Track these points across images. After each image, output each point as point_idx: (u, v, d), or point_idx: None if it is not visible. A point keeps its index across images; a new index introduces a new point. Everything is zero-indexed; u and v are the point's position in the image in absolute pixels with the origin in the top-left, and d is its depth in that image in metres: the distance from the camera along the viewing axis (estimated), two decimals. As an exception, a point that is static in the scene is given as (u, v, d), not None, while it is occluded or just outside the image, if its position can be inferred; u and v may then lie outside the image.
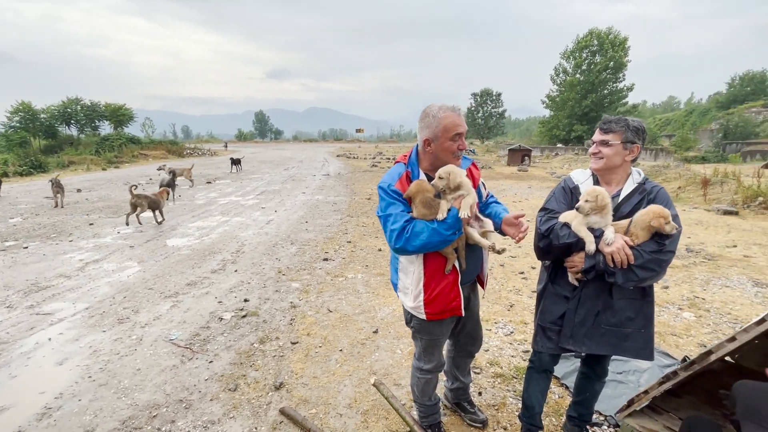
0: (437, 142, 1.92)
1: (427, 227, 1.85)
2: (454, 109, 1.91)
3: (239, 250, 6.56)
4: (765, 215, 9.60)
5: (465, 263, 2.03)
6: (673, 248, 1.81)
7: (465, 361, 2.57)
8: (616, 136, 1.92)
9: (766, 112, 39.77)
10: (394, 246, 1.89)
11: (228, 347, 3.58)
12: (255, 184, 15.47)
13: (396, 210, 1.90)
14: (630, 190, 1.97)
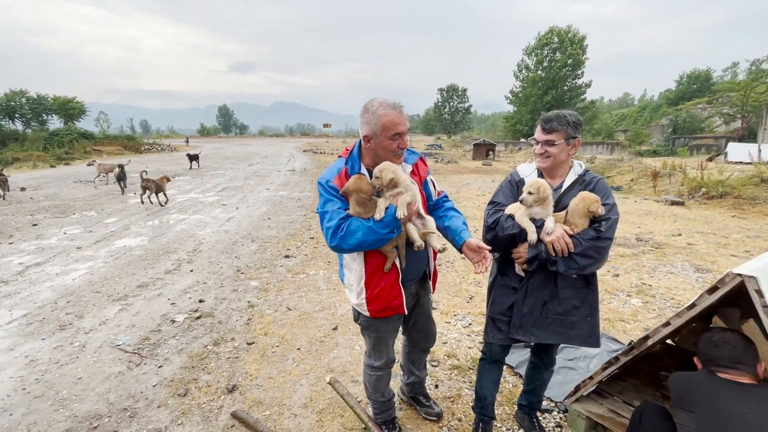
0: (376, 139, 1.86)
1: (363, 225, 1.80)
2: (395, 107, 1.83)
3: (196, 249, 6.32)
4: (707, 205, 10.24)
5: (405, 261, 2.00)
6: (610, 235, 1.87)
7: (420, 356, 2.56)
8: (560, 135, 1.94)
9: (710, 108, 42.41)
10: (330, 244, 1.84)
11: (179, 351, 3.43)
12: (216, 181, 14.98)
13: (333, 207, 1.85)
14: (571, 181, 2.03)
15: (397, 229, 1.86)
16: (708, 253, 6.13)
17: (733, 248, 6.42)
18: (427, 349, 2.54)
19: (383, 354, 2.25)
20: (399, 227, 1.86)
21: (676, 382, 1.72)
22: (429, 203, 2.19)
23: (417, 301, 2.26)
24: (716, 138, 34.51)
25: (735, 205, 9.84)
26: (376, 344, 2.22)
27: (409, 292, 2.13)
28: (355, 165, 1.97)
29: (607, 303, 4.37)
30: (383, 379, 2.33)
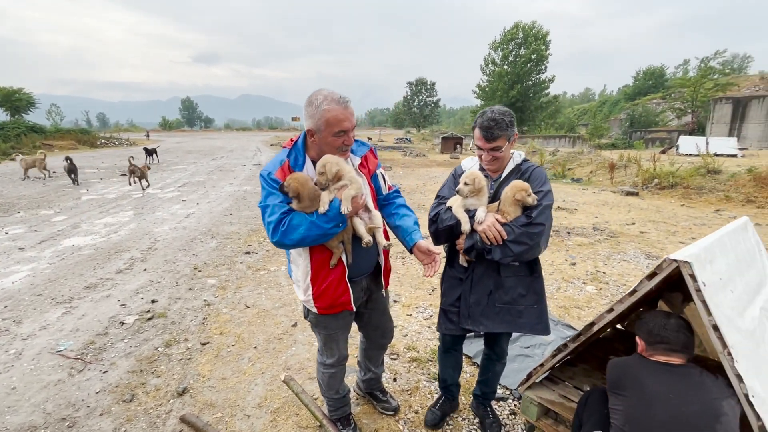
0: (320, 135, 1.79)
1: (306, 220, 1.73)
2: (340, 102, 1.74)
3: (151, 247, 6.04)
4: (659, 195, 10.76)
5: (351, 257, 1.94)
6: (542, 220, 1.89)
7: (377, 353, 2.51)
8: (503, 139, 1.96)
9: (664, 103, 44.61)
10: (272, 239, 1.76)
11: (127, 354, 3.26)
12: (177, 176, 14.41)
13: (274, 201, 1.76)
14: (508, 171, 2.07)
15: (343, 224, 1.80)
16: (658, 241, 6.43)
17: (681, 236, 6.76)
18: (384, 346, 2.49)
19: (335, 351, 2.19)
20: (344, 222, 1.80)
21: (611, 369, 1.77)
22: (379, 197, 2.14)
23: (369, 296, 2.20)
24: (669, 131, 36.36)
25: (684, 195, 10.40)
26: (327, 341, 2.16)
27: (360, 287, 2.08)
28: (299, 157, 1.88)
29: (564, 291, 4.50)
30: (336, 376, 2.28)
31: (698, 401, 1.54)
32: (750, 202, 9.26)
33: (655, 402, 1.55)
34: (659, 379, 1.60)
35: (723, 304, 1.77)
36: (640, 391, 1.60)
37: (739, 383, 1.63)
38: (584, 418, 1.86)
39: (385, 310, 2.35)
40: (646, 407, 1.55)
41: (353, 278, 1.99)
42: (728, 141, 21.96)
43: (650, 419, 1.54)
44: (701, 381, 1.61)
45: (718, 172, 10.98)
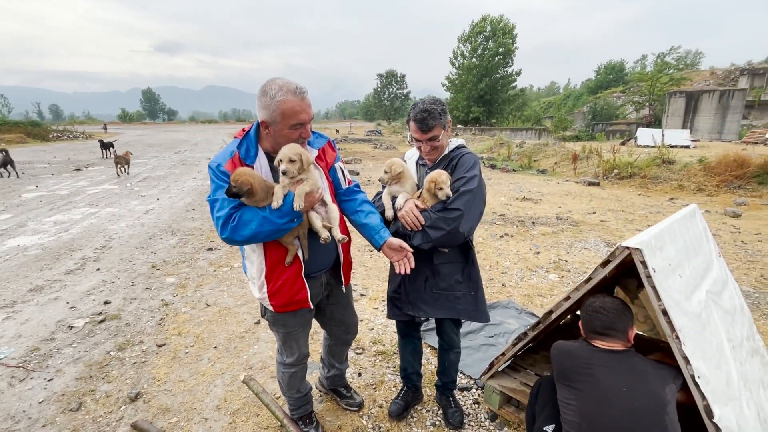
0: (275, 126, 1.69)
1: (258, 215, 1.64)
2: (297, 92, 1.65)
3: (105, 245, 5.72)
4: (619, 185, 11.19)
5: (308, 253, 1.86)
6: (459, 206, 1.90)
7: (341, 349, 2.45)
8: (438, 128, 1.98)
9: (624, 97, 46.42)
10: (221, 236, 1.66)
11: (76, 360, 3.06)
12: (136, 170, 13.76)
13: (223, 194, 1.64)
14: (439, 159, 2.11)
15: (297, 219, 1.71)
16: (617, 229, 6.68)
17: (638, 224, 7.05)
18: (348, 342, 2.43)
19: (294, 350, 2.11)
20: (299, 217, 1.72)
21: (557, 356, 1.75)
22: (338, 192, 2.06)
23: (330, 291, 2.13)
24: (629, 124, 37.90)
25: (641, 185, 10.85)
26: (286, 340, 2.08)
27: (318, 283, 2.01)
28: (250, 148, 1.77)
29: (528, 279, 4.59)
30: (297, 376, 2.20)
31: (646, 393, 1.56)
32: (701, 191, 9.77)
33: (610, 397, 1.55)
34: (610, 371, 1.61)
35: (672, 288, 1.83)
36: (595, 385, 1.59)
37: (686, 365, 1.68)
38: (537, 410, 1.86)
39: (347, 304, 2.29)
40: (601, 403, 1.55)
41: (311, 274, 1.92)
42: (682, 133, 23.10)
43: (606, 416, 1.53)
44: (644, 370, 1.64)
45: (672, 163, 11.52)
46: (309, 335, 2.19)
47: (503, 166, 15.67)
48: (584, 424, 1.56)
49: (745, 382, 2.08)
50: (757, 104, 37.21)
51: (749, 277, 4.62)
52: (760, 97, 37.42)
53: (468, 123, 46.47)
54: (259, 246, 1.78)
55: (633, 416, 1.51)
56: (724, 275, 2.58)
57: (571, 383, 1.65)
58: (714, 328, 2.04)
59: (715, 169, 10.15)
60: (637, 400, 1.53)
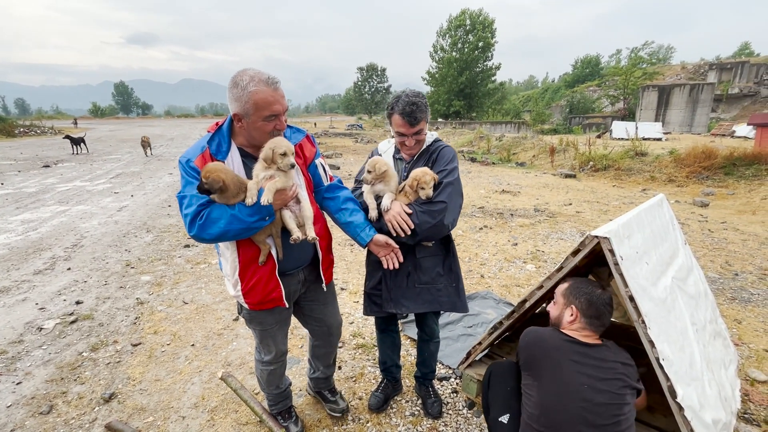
0: (248, 119, 1.64)
1: (227, 213, 1.60)
2: (269, 83, 1.61)
3: (77, 244, 5.55)
4: (594, 177, 11.46)
5: (281, 252, 1.82)
6: (443, 198, 1.92)
7: (325, 351, 2.34)
8: (423, 122, 1.99)
9: (599, 90, 47.46)
10: (189, 233, 1.62)
11: (46, 362, 2.97)
12: (109, 167, 13.34)
13: (192, 191, 1.60)
14: (419, 153, 2.11)
15: (270, 217, 1.67)
16: (592, 219, 6.85)
17: (612, 214, 7.25)
18: (332, 344, 2.31)
19: (271, 347, 2.07)
20: (271, 215, 1.67)
21: (528, 343, 1.72)
22: (319, 188, 2.02)
23: (308, 288, 2.06)
24: (604, 117, 38.79)
25: (615, 176, 11.15)
26: (263, 337, 2.04)
27: (295, 280, 1.96)
28: (222, 143, 1.72)
29: (506, 270, 4.67)
30: (276, 373, 2.17)
31: (607, 390, 1.57)
32: (671, 182, 10.10)
33: (570, 392, 1.56)
34: (577, 365, 1.60)
35: (639, 275, 1.89)
36: (559, 379, 1.58)
37: (651, 348, 1.75)
38: (490, 399, 1.85)
39: (326, 301, 2.19)
40: (561, 397, 1.55)
41: (286, 271, 1.88)
42: (654, 126, 23.80)
43: (563, 411, 1.54)
44: (614, 366, 1.64)
45: (645, 155, 11.86)
46: (288, 332, 2.17)
47: (483, 159, 15.84)
48: (542, 416, 1.56)
49: (708, 363, 2.18)
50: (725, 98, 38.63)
51: (715, 264, 4.82)
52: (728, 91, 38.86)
53: (448, 117, 46.71)
54: (233, 243, 1.74)
55: (589, 411, 1.52)
56: (689, 262, 2.69)
57: (534, 372, 1.64)
58: (679, 312, 2.13)
59: (684, 160, 10.50)
60: (597, 395, 1.54)
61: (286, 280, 1.89)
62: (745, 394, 2.55)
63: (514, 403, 1.79)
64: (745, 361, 2.93)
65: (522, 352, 1.73)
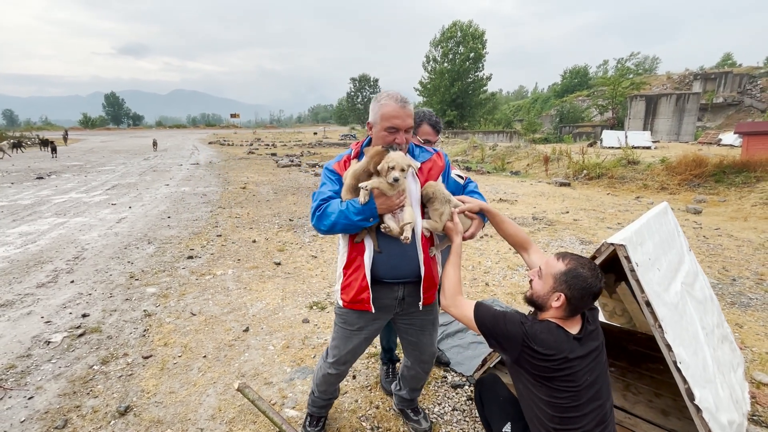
0: (376, 128, 1.88)
1: (338, 209, 1.77)
2: (398, 100, 1.81)
3: (78, 256, 5.50)
4: (588, 185, 11.65)
5: (378, 246, 1.87)
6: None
7: (415, 375, 2.29)
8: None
9: (588, 100, 48.36)
10: (311, 223, 1.87)
11: (57, 376, 2.95)
12: (104, 178, 13.24)
13: (324, 188, 1.88)
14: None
15: (374, 219, 1.78)
16: (590, 227, 6.97)
17: (608, 222, 7.38)
18: (424, 371, 2.26)
19: (340, 350, 2.07)
20: (375, 216, 1.77)
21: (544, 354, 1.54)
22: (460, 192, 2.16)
23: (405, 308, 2.01)
24: (594, 126, 39.49)
25: (609, 184, 11.35)
26: (338, 337, 2.07)
27: (392, 293, 1.95)
28: (361, 151, 1.94)
29: (510, 278, 4.73)
30: (329, 378, 2.17)
31: (609, 391, 1.62)
32: (664, 189, 10.31)
33: (589, 398, 1.54)
34: (586, 364, 1.55)
35: (652, 281, 1.96)
36: (574, 382, 1.52)
37: (668, 351, 1.80)
38: (487, 414, 1.86)
39: (423, 327, 2.11)
40: (580, 402, 1.53)
41: (386, 279, 1.91)
42: (643, 134, 24.31)
43: (583, 418, 1.52)
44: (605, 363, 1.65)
45: (637, 163, 12.10)
46: (365, 348, 2.12)
47: (478, 168, 16.01)
48: (560, 425, 1.54)
49: (719, 366, 2.25)
50: (710, 107, 39.57)
51: (712, 270, 4.93)
52: (713, 100, 39.82)
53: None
54: (344, 238, 1.93)
55: (605, 420, 1.54)
56: (695, 268, 2.77)
57: (552, 383, 1.54)
58: (689, 317, 2.20)
59: (676, 168, 10.73)
60: (607, 399, 1.59)
61: (380, 288, 1.92)
62: (752, 397, 2.62)
63: (510, 409, 1.81)
64: (750, 365, 3.01)
65: (535, 362, 1.60)
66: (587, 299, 1.60)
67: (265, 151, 24.76)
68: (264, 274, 4.88)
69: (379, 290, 1.91)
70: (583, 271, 1.60)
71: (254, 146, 28.55)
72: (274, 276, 4.84)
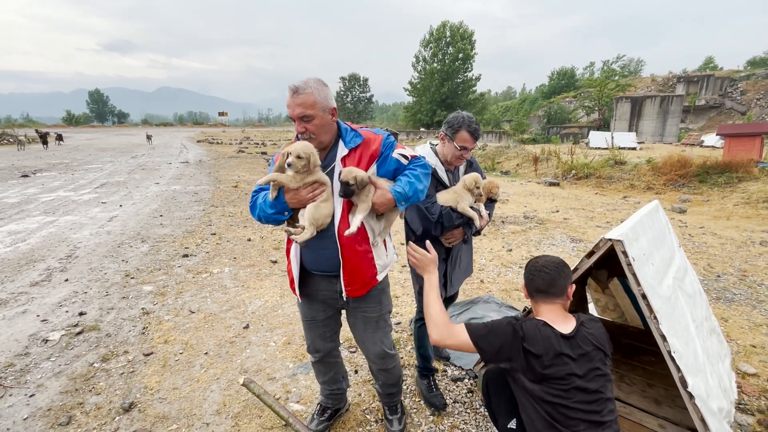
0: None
1: (260, 202, 1.83)
2: (290, 88, 1.72)
3: (71, 254, 5.44)
4: (577, 185, 11.86)
5: (303, 242, 1.79)
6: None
7: (377, 370, 2.25)
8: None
9: (575, 102, 49.07)
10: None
11: (57, 373, 2.94)
12: (92, 176, 13.03)
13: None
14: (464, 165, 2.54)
15: (288, 212, 1.80)
16: (579, 226, 7.12)
17: (597, 220, 7.55)
18: (377, 374, 2.24)
19: (308, 340, 2.21)
20: (287, 210, 1.79)
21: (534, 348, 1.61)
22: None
23: (345, 304, 2.01)
24: (581, 127, 40.08)
25: (597, 184, 11.57)
26: (303, 327, 2.21)
27: (327, 284, 1.95)
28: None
29: (504, 275, 4.83)
30: (317, 367, 2.31)
31: (608, 404, 1.64)
32: (650, 189, 10.56)
33: (582, 401, 1.58)
34: (578, 363, 1.59)
35: (647, 275, 2.05)
36: (569, 378, 1.57)
37: (663, 342, 1.90)
38: (494, 408, 1.90)
39: (366, 325, 2.05)
40: (569, 402, 1.57)
41: (314, 272, 1.94)
42: (629, 135, 24.75)
43: (574, 412, 1.56)
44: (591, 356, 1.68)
45: (624, 164, 12.36)
46: (322, 334, 2.15)
47: (468, 168, 16.15)
48: (557, 421, 1.58)
49: (708, 357, 2.36)
50: (692, 109, 40.47)
51: (698, 267, 5.10)
52: (695, 103, 40.74)
53: (431, 126, 47.35)
54: None
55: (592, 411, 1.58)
56: (685, 263, 2.89)
57: (545, 382, 1.60)
58: (681, 309, 2.30)
59: (661, 169, 11.00)
60: (593, 382, 1.60)
61: (319, 280, 1.96)
62: (738, 387, 2.74)
63: (517, 406, 1.80)
64: (735, 356, 3.14)
65: (527, 362, 1.66)
66: (534, 272, 1.78)
67: (255, 150, 24.59)
68: (261, 272, 4.89)
69: (318, 282, 1.97)
70: (529, 264, 1.85)
71: (244, 145, 28.32)
72: (271, 274, 4.85)
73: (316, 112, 1.72)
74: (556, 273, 1.74)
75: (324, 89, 1.76)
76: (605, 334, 1.75)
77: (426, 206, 2.26)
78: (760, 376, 2.90)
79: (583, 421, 1.57)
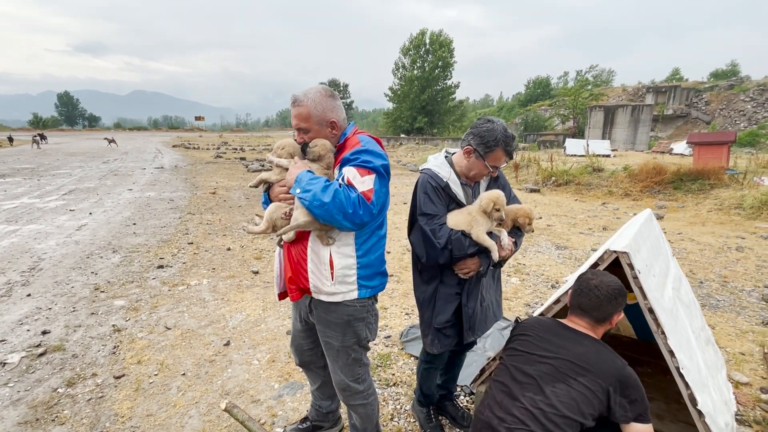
0: None
1: None
2: (291, 98, 1.79)
3: (34, 266, 5.08)
4: (557, 191, 12.03)
5: (279, 239, 1.83)
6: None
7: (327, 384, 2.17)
8: None
9: (550, 110, 50.30)
10: None
11: (15, 401, 2.66)
12: (60, 182, 12.41)
13: None
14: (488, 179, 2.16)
15: (264, 203, 1.88)
16: (563, 233, 7.16)
17: (580, 227, 7.61)
18: (342, 400, 2.03)
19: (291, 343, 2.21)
20: (266, 200, 1.88)
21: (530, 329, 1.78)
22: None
23: (308, 311, 1.92)
24: (557, 135, 41.03)
25: (576, 191, 11.76)
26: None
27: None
28: None
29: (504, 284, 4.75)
30: (305, 373, 2.30)
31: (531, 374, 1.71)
32: (627, 195, 10.79)
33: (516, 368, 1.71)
34: (549, 346, 1.69)
35: (651, 287, 1.98)
36: (527, 348, 1.70)
37: (671, 357, 1.82)
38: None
39: (328, 350, 1.90)
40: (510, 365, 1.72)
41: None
42: (603, 143, 25.48)
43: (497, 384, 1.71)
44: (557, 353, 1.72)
45: (601, 171, 12.62)
46: (301, 347, 2.11)
47: (450, 174, 16.19)
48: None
49: (708, 369, 2.32)
50: (661, 118, 42.06)
51: (680, 273, 5.16)
52: (663, 112, 42.35)
53: (411, 132, 47.64)
54: None
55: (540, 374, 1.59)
56: (679, 272, 2.87)
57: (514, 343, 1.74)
58: (682, 321, 2.25)
59: (638, 176, 11.27)
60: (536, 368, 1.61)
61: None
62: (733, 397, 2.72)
63: None
64: (726, 365, 3.13)
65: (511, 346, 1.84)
66: (584, 290, 1.75)
67: (234, 155, 24.08)
68: (242, 284, 4.67)
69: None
70: (585, 274, 1.80)
71: (221, 150, 27.71)
72: (252, 285, 4.64)
73: (310, 126, 1.75)
74: (606, 299, 1.66)
75: (324, 101, 1.75)
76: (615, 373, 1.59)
77: (432, 228, 1.91)
78: (752, 385, 2.90)
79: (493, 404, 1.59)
